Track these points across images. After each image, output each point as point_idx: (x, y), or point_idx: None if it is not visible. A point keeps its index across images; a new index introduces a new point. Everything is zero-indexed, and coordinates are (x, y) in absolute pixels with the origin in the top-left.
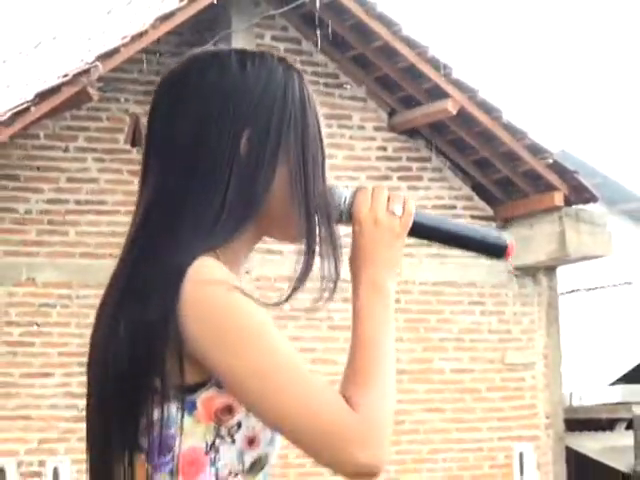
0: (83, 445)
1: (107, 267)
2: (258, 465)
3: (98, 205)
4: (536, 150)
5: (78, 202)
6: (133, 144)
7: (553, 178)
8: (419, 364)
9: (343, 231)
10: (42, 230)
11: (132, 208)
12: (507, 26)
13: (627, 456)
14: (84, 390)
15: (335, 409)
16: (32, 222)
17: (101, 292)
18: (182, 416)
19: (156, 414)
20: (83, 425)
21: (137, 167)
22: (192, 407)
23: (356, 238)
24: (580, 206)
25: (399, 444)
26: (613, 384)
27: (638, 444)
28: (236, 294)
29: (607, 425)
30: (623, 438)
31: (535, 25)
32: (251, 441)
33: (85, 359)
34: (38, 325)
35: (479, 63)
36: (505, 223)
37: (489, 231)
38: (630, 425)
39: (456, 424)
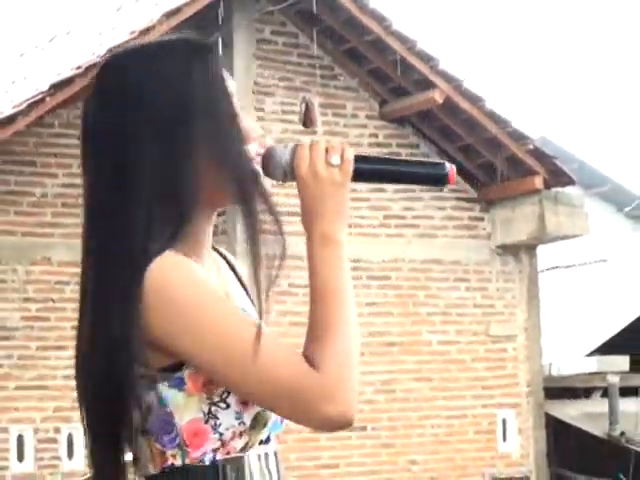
0: None
1: None
2: (260, 422)
3: None
4: (517, 137)
5: None
6: None
7: (533, 163)
8: (408, 337)
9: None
10: (57, 212)
11: None
12: (492, 20)
13: (602, 422)
14: None
15: (297, 371)
16: (47, 205)
17: None
18: (174, 394)
19: (150, 398)
20: None
21: None
22: (181, 383)
23: (301, 195)
24: (558, 189)
25: (390, 411)
26: (589, 355)
27: (612, 410)
28: (178, 275)
29: (583, 393)
30: (598, 405)
31: (518, 19)
32: (244, 402)
33: None
34: (53, 301)
35: (464, 54)
36: (488, 205)
37: (428, 163)
38: (605, 393)
39: (443, 392)
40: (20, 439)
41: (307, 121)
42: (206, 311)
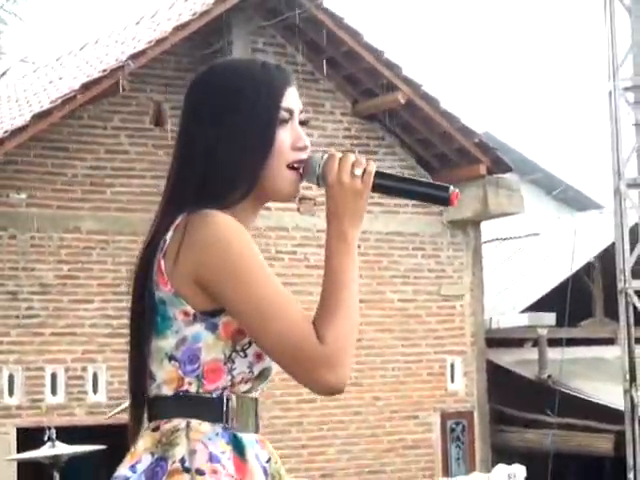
0: (117, 355)
1: (136, 219)
2: (263, 375)
3: (129, 171)
4: (465, 132)
5: (113, 168)
6: (156, 124)
7: (478, 153)
8: (374, 295)
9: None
10: (85, 190)
11: (156, 174)
12: (453, 30)
13: (533, 367)
14: (118, 313)
15: (308, 339)
16: (78, 184)
17: (131, 238)
18: (207, 334)
19: (188, 332)
20: (117, 340)
21: (159, 142)
22: (214, 328)
23: (327, 198)
24: (499, 175)
25: (359, 356)
26: (522, 312)
27: (541, 358)
28: (237, 235)
29: (518, 343)
30: (530, 353)
31: (468, 25)
32: (259, 356)
33: (118, 289)
34: (82, 263)
35: (422, 61)
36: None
37: (435, 186)
38: (535, 343)
39: (402, 341)
40: (53, 376)
41: None
42: (252, 268)
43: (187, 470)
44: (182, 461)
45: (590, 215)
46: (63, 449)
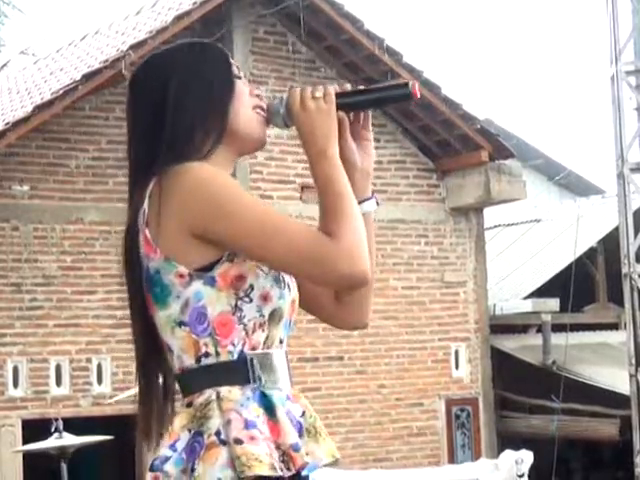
0: (121, 346)
1: None
2: (276, 316)
3: None
4: (467, 118)
5: (116, 159)
6: None
7: (480, 140)
8: (378, 283)
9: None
10: (88, 181)
11: None
12: (453, 16)
13: (537, 353)
14: (122, 303)
15: (318, 239)
16: (80, 175)
17: None
18: (207, 289)
19: (188, 293)
20: (121, 330)
21: None
22: (213, 281)
23: (297, 127)
24: (501, 161)
25: (364, 344)
26: (526, 298)
27: (545, 343)
28: (218, 177)
29: (521, 329)
30: (534, 339)
31: (471, 17)
32: (264, 297)
33: (120, 280)
34: (85, 254)
35: (424, 48)
36: (443, 174)
37: (393, 84)
38: (539, 329)
39: (406, 329)
40: (58, 368)
41: None
42: (240, 198)
43: (223, 442)
44: (217, 434)
45: (592, 200)
46: (71, 440)
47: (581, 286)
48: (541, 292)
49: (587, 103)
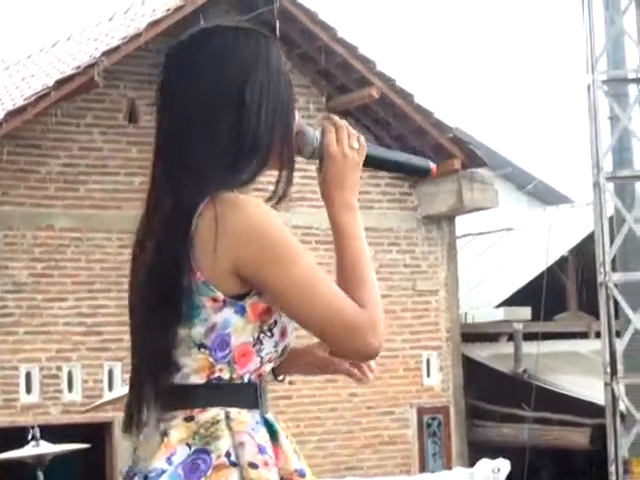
0: (91, 354)
1: (109, 216)
2: (284, 352)
3: (102, 168)
4: (440, 127)
5: (87, 165)
6: (129, 121)
7: (453, 148)
8: None
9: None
10: (59, 187)
11: (130, 170)
12: (427, 26)
13: (508, 361)
14: (92, 311)
15: (353, 309)
16: (51, 181)
17: (105, 235)
18: (236, 318)
19: (217, 319)
20: (91, 338)
21: (133, 139)
22: (243, 311)
23: (328, 169)
24: (473, 170)
25: None
26: (497, 306)
27: (517, 352)
28: (270, 219)
29: (492, 338)
30: (505, 348)
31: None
32: (283, 333)
33: (92, 287)
34: (56, 261)
35: (395, 56)
36: (415, 182)
37: (417, 158)
38: (510, 338)
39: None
40: (28, 375)
41: None
42: (290, 251)
43: (234, 464)
44: (227, 455)
45: (562, 209)
46: (48, 448)
47: (552, 295)
48: (513, 301)
49: (556, 113)
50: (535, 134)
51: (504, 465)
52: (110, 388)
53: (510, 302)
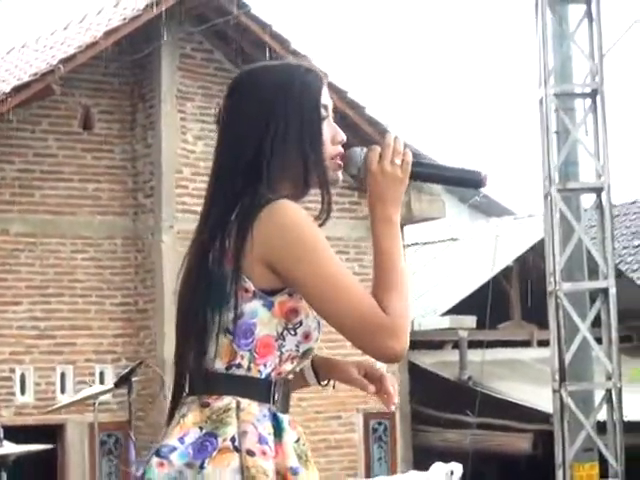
0: (44, 357)
1: (64, 221)
2: (308, 354)
3: (57, 174)
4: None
5: (42, 171)
6: (84, 128)
7: None
8: None
9: None
10: (14, 192)
11: (84, 177)
12: (379, 37)
13: (453, 368)
14: (45, 315)
15: (375, 310)
16: (6, 186)
17: (59, 241)
18: (263, 311)
19: (245, 308)
20: (44, 341)
21: (87, 145)
22: (271, 305)
23: (371, 186)
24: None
25: None
26: (443, 315)
27: (462, 359)
28: (305, 221)
29: (438, 345)
30: (450, 355)
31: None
32: (306, 336)
33: (46, 291)
34: (10, 265)
35: (349, 68)
36: (365, 192)
37: (467, 170)
38: (455, 345)
39: (326, 343)
40: None
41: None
42: (322, 251)
43: (237, 449)
44: (232, 440)
45: (505, 221)
46: (12, 448)
47: (497, 304)
48: (458, 309)
49: (507, 127)
50: (484, 148)
51: (457, 468)
52: (62, 391)
53: (456, 310)
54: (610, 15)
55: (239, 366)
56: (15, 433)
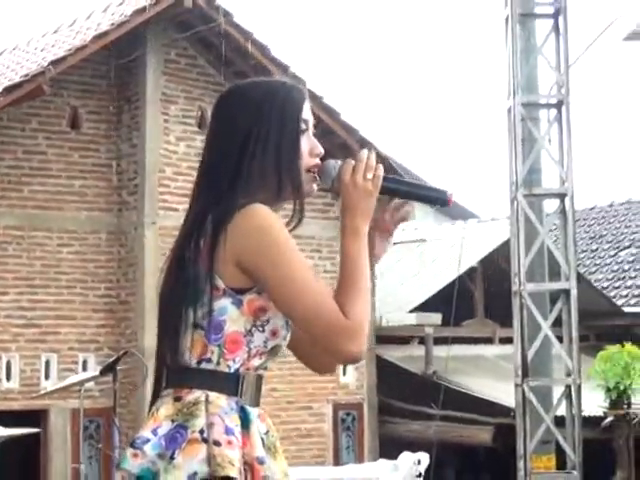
0: (30, 345)
1: (51, 216)
2: (275, 350)
3: (46, 171)
4: (363, 143)
5: (31, 168)
6: (72, 127)
7: None
8: None
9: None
10: (4, 188)
11: (71, 174)
12: (354, 45)
13: (418, 362)
14: (31, 305)
15: (338, 315)
16: None
17: (46, 234)
18: (232, 309)
19: (216, 305)
20: (30, 330)
21: (75, 144)
22: (239, 304)
23: (343, 197)
24: None
25: None
26: (411, 311)
27: (427, 354)
28: (274, 223)
29: (405, 340)
30: (417, 350)
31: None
32: (274, 333)
33: (32, 282)
34: None
35: (323, 74)
36: (337, 194)
37: (434, 189)
38: (422, 341)
39: None
40: None
41: (201, 124)
42: (288, 252)
43: (205, 440)
44: (201, 432)
45: (470, 224)
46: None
47: (461, 302)
48: (425, 306)
49: (474, 136)
50: (452, 155)
51: (424, 458)
52: (47, 377)
53: (422, 308)
54: (576, 29)
55: (209, 361)
56: (0, 417)
